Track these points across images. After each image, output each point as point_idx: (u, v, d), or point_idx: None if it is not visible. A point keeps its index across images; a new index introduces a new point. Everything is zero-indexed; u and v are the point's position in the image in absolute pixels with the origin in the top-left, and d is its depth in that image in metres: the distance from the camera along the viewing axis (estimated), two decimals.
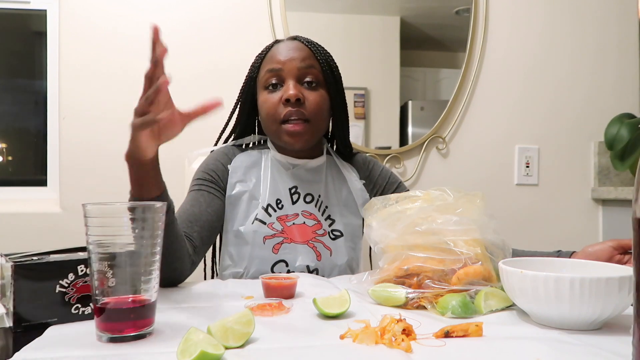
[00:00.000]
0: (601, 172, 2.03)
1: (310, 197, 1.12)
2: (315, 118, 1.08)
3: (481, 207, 0.83)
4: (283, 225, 1.08)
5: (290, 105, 1.05)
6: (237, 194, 1.09)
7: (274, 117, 1.08)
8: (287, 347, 0.56)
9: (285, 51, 1.09)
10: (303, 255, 1.06)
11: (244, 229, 1.06)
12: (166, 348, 0.55)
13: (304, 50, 1.09)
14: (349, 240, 1.12)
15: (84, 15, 1.75)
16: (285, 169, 1.13)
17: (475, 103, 1.98)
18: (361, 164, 1.22)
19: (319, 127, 1.10)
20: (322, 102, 1.09)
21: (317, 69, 1.09)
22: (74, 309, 0.64)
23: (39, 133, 1.86)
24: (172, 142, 0.90)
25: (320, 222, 1.11)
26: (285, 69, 1.07)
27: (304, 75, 1.08)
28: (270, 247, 1.06)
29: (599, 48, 2.04)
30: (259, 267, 1.05)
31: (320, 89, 1.09)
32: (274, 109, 1.07)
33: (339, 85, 1.14)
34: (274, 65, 1.08)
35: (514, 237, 0.91)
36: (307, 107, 1.07)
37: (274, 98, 1.08)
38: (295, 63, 1.07)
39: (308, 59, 1.08)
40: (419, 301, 0.73)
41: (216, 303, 0.76)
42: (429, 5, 2.01)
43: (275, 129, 1.09)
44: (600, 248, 0.92)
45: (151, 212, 0.59)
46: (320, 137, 1.14)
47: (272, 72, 1.08)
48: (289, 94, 1.05)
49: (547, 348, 0.57)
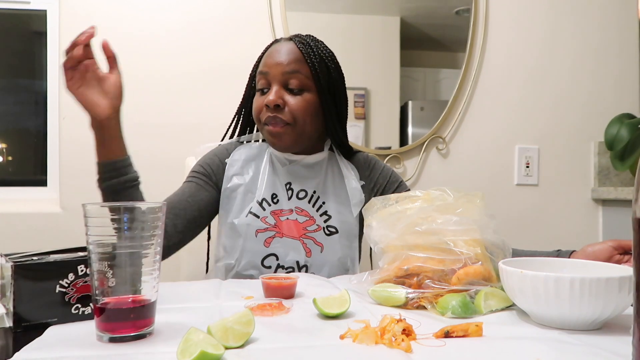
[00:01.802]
0: (601, 172, 2.03)
1: (304, 192, 1.13)
2: (298, 121, 1.09)
3: (481, 207, 0.83)
4: (276, 220, 1.10)
5: (270, 111, 1.09)
6: (233, 186, 1.12)
7: (259, 118, 1.12)
8: (287, 347, 0.56)
9: (275, 55, 1.11)
10: (293, 251, 1.08)
11: (238, 222, 1.08)
12: (166, 348, 0.55)
13: (292, 54, 1.10)
14: (344, 237, 1.12)
15: (84, 15, 1.75)
16: (281, 165, 1.15)
17: (475, 103, 1.98)
18: (362, 163, 1.23)
19: (303, 129, 1.11)
20: (305, 107, 1.09)
21: (304, 73, 1.09)
22: (74, 309, 0.64)
23: (39, 133, 1.86)
24: (172, 142, 0.90)
25: (313, 217, 1.12)
26: (271, 73, 1.10)
27: (288, 80, 1.09)
28: (262, 240, 1.08)
29: (599, 48, 2.04)
30: (250, 259, 1.07)
31: (305, 93, 1.10)
32: (258, 112, 1.12)
33: (336, 85, 1.14)
34: (263, 69, 1.11)
35: (514, 237, 0.91)
36: (287, 112, 1.08)
37: (260, 101, 1.11)
38: (280, 68, 1.09)
39: (294, 63, 1.09)
40: (419, 301, 0.73)
41: (216, 303, 0.76)
42: (429, 5, 2.01)
43: (261, 129, 1.14)
44: (600, 248, 0.92)
45: (151, 212, 0.59)
46: (310, 137, 1.14)
47: (261, 75, 1.11)
48: (268, 99, 1.08)
49: (547, 348, 0.57)
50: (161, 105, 1.79)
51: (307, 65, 1.10)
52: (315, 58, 1.11)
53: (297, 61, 1.10)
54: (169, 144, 1.78)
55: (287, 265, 1.08)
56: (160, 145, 1.77)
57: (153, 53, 1.79)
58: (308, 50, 1.11)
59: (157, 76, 1.79)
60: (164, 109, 1.79)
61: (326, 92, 1.12)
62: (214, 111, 1.80)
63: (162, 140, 1.78)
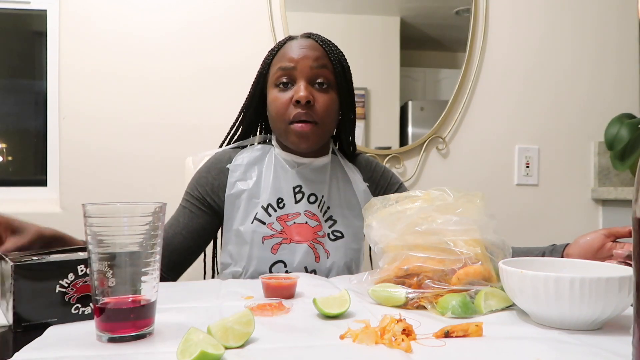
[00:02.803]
0: (601, 172, 2.03)
1: (314, 197, 1.11)
2: (324, 120, 1.06)
3: (481, 207, 0.83)
4: (283, 225, 1.07)
5: (300, 107, 1.04)
6: (237, 193, 1.09)
7: (283, 116, 1.06)
8: (287, 347, 0.56)
9: (298, 49, 1.06)
10: (302, 256, 1.05)
11: (244, 229, 1.06)
12: (166, 348, 0.55)
13: (317, 50, 1.07)
14: (350, 241, 1.11)
15: (84, 15, 1.75)
16: (290, 167, 1.11)
17: (475, 103, 1.98)
18: (364, 165, 1.22)
19: (327, 128, 1.09)
20: (331, 105, 1.07)
21: (330, 69, 1.07)
22: (74, 309, 0.64)
23: (39, 133, 1.86)
24: (172, 143, 0.90)
25: (321, 223, 1.10)
26: (298, 68, 1.05)
27: (316, 76, 1.06)
28: (269, 247, 1.06)
29: (599, 48, 2.04)
30: (257, 267, 1.05)
31: (330, 91, 1.08)
32: (283, 109, 1.06)
33: (349, 86, 1.13)
34: (286, 64, 1.06)
35: (514, 237, 0.92)
36: (317, 109, 1.05)
37: (284, 97, 1.06)
38: (308, 62, 1.05)
39: (321, 59, 1.06)
40: (419, 301, 0.73)
41: (216, 303, 0.76)
42: (429, 6, 2.01)
43: (283, 128, 1.07)
44: (592, 237, 0.92)
45: (151, 212, 0.59)
46: (327, 138, 1.13)
47: (284, 70, 1.06)
48: (299, 95, 1.03)
49: (547, 348, 0.57)
50: (161, 105, 1.79)
51: (331, 62, 1.08)
52: (336, 56, 1.09)
53: (323, 57, 1.07)
54: (169, 144, 1.78)
55: (296, 272, 1.04)
56: (161, 145, 1.77)
57: (153, 53, 1.79)
58: (329, 48, 1.08)
59: (157, 76, 1.79)
60: (164, 110, 1.79)
61: (345, 92, 1.11)
62: (214, 111, 1.80)
63: (162, 141, 1.78)
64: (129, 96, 1.78)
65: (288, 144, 1.09)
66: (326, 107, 1.06)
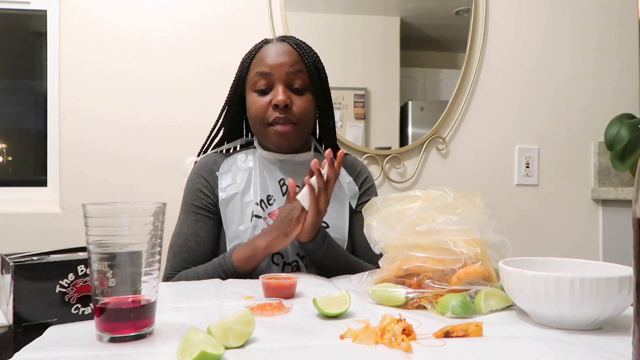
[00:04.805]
0: (601, 173, 2.03)
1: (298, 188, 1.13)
2: (302, 121, 1.11)
3: (481, 207, 0.83)
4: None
5: (279, 111, 1.09)
6: (229, 197, 1.12)
7: (262, 119, 1.11)
8: (287, 347, 0.56)
9: (274, 55, 1.11)
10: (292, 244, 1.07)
11: (244, 227, 1.09)
12: (166, 348, 0.55)
13: (292, 55, 1.11)
14: (333, 232, 1.12)
15: (84, 16, 1.75)
16: (272, 164, 1.16)
17: (475, 103, 1.98)
18: (349, 165, 1.24)
19: (305, 127, 1.14)
20: (308, 106, 1.12)
21: (305, 72, 1.12)
22: (74, 309, 0.65)
23: (39, 133, 1.86)
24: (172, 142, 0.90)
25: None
26: (275, 74, 1.10)
27: (293, 80, 1.11)
28: None
29: (599, 48, 2.04)
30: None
31: (307, 93, 1.12)
32: (262, 112, 1.11)
33: (325, 85, 1.18)
34: (263, 69, 1.11)
35: (514, 237, 0.91)
36: (295, 111, 1.10)
37: (263, 101, 1.11)
38: (285, 68, 1.10)
39: (297, 64, 1.11)
40: (419, 301, 0.73)
41: (216, 303, 0.76)
42: (429, 6, 2.01)
43: (263, 130, 1.12)
44: None
45: (151, 212, 0.59)
46: (307, 136, 1.17)
47: (262, 75, 1.11)
48: (278, 99, 1.08)
49: (547, 348, 0.57)
50: (161, 106, 1.79)
51: (305, 65, 1.12)
52: (310, 59, 1.13)
53: (298, 62, 1.12)
54: (169, 144, 1.78)
55: (291, 259, 1.09)
56: (161, 145, 1.77)
57: (153, 53, 1.79)
58: (303, 51, 1.13)
59: (157, 77, 1.79)
60: (164, 110, 1.79)
61: (321, 92, 1.15)
62: (214, 112, 1.78)
63: (162, 141, 1.78)
64: (129, 96, 1.78)
65: (269, 145, 1.14)
66: (303, 108, 1.11)
